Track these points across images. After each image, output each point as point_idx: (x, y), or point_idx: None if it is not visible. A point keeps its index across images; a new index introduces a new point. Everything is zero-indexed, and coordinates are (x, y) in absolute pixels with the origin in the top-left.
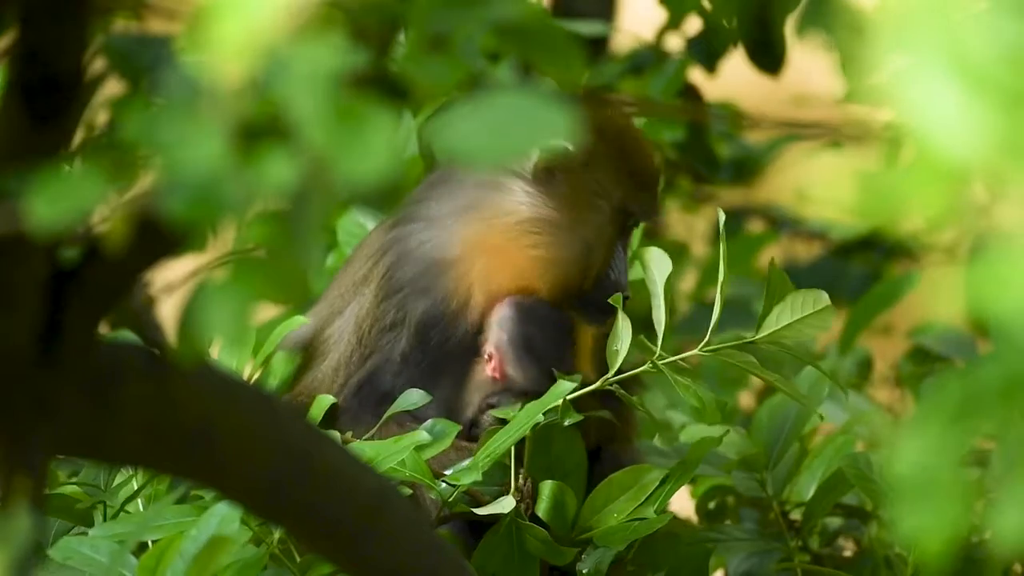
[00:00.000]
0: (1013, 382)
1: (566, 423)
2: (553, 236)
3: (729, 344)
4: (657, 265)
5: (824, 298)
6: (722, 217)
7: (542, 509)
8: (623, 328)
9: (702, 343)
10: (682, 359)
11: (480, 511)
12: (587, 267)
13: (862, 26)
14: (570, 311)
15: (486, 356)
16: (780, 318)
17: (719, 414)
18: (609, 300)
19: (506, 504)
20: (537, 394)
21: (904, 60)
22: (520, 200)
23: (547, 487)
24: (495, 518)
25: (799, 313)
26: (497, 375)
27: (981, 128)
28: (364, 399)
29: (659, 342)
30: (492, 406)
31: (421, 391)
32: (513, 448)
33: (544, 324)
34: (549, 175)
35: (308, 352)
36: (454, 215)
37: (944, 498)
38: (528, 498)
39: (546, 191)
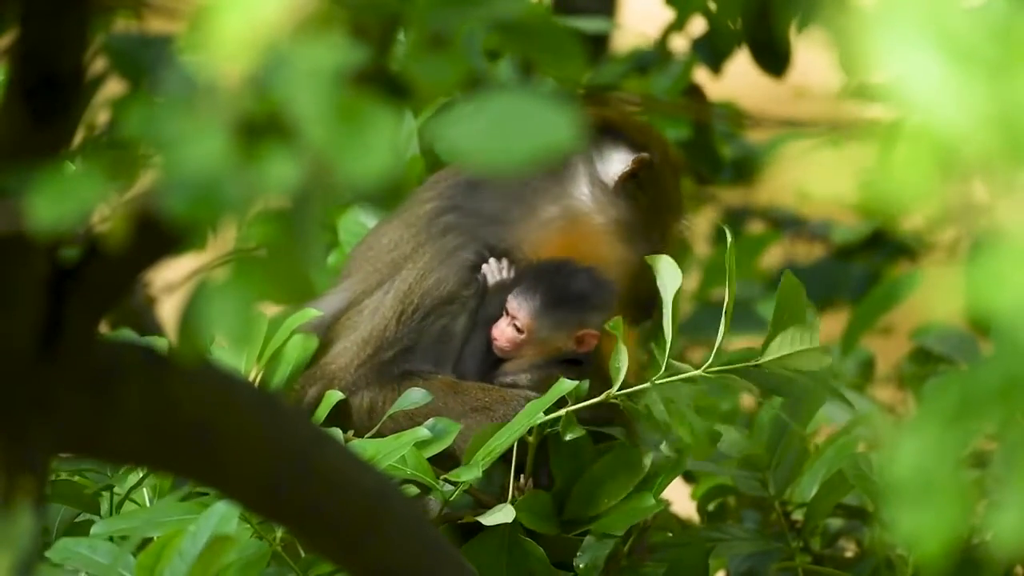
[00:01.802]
0: (1012, 382)
1: (567, 437)
2: (630, 240)
3: (732, 367)
4: (668, 275)
5: (816, 338)
6: (729, 237)
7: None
8: (622, 347)
9: (705, 364)
10: (683, 379)
11: (481, 519)
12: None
13: (856, 12)
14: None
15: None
16: (781, 346)
17: (710, 449)
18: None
19: (506, 513)
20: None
21: (895, 41)
22: (599, 204)
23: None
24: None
25: (797, 346)
26: (514, 340)
27: (967, 102)
28: (389, 370)
29: (665, 357)
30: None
31: (422, 391)
32: (514, 447)
33: (570, 274)
34: (631, 183)
35: (339, 324)
36: (519, 214)
37: (943, 499)
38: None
39: (626, 199)
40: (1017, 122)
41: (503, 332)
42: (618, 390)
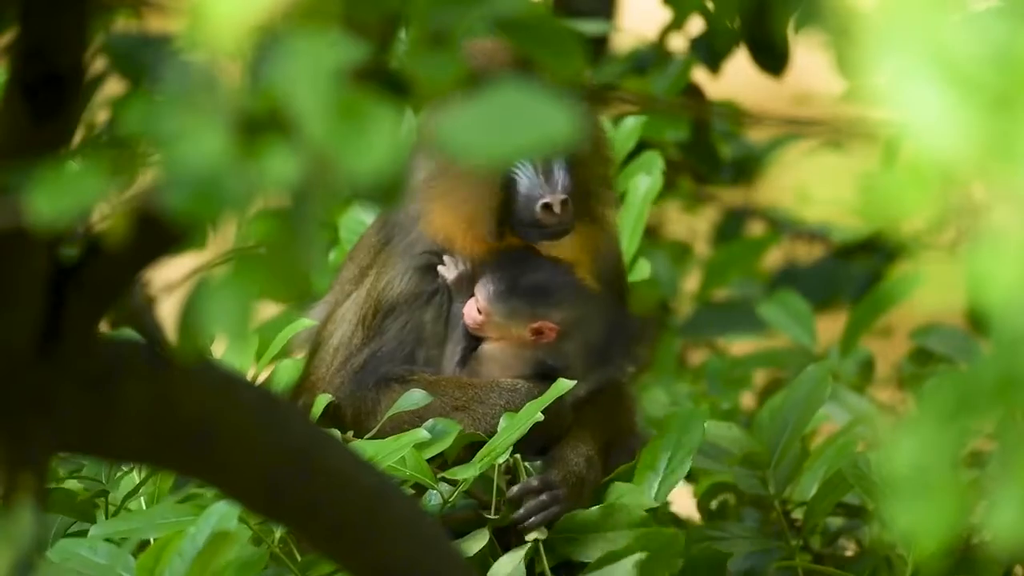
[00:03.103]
0: (1010, 380)
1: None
2: (450, 179)
3: None
4: None
5: None
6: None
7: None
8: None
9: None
10: None
11: (457, 542)
12: (499, 187)
13: (856, 26)
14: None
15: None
16: None
17: None
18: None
19: (479, 539)
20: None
21: (893, 61)
22: (421, 169)
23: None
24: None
25: None
26: (477, 320)
27: (966, 128)
28: (364, 377)
29: None
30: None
31: (423, 392)
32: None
33: (531, 266)
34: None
35: (316, 338)
36: (420, 211)
37: (939, 495)
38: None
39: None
40: (1017, 151)
41: (470, 311)
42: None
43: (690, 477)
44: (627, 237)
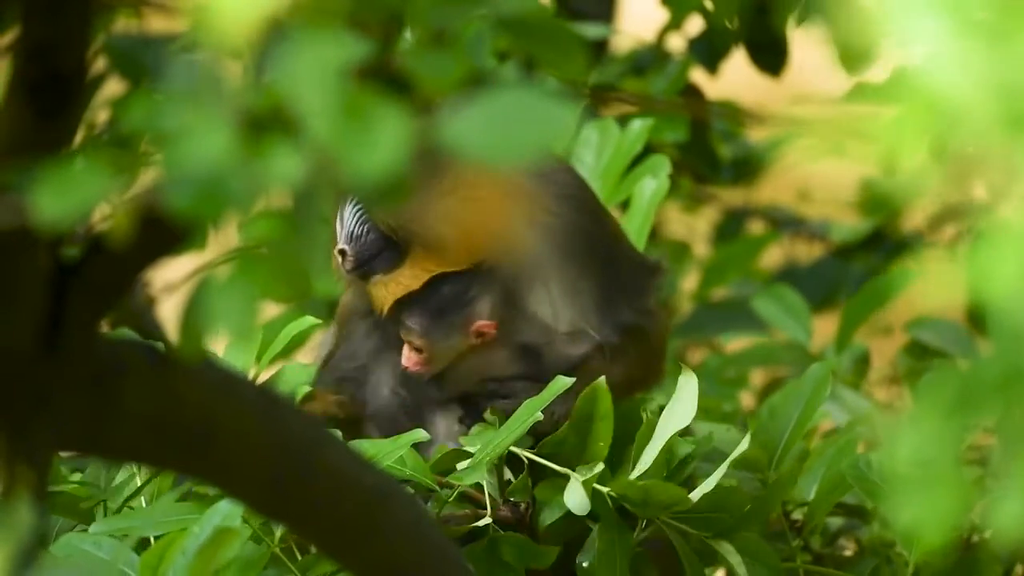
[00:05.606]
0: (1011, 375)
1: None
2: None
3: None
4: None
5: None
6: None
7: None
8: None
9: None
10: None
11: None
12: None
13: (854, 7)
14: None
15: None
16: None
17: None
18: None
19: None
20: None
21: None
22: None
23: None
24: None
25: None
26: (419, 361)
27: (967, 66)
28: (324, 376)
29: None
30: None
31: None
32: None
33: (436, 284)
34: None
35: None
36: None
37: (941, 491)
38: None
39: None
40: (1015, 86)
41: (409, 358)
42: None
43: (687, 482)
44: (633, 240)
